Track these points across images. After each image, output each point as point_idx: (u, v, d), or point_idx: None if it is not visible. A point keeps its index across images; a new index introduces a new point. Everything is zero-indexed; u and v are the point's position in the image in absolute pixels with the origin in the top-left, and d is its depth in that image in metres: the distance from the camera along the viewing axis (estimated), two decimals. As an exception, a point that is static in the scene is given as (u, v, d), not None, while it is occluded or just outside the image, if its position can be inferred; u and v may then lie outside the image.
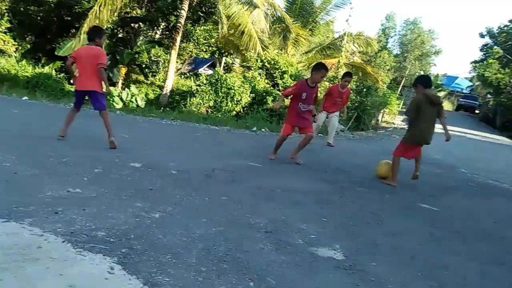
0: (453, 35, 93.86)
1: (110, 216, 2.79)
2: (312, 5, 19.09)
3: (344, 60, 17.27)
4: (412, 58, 42.09)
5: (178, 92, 14.36)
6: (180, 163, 4.73)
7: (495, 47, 31.11)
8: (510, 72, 25.43)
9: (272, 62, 13.58)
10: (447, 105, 44.17)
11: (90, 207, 2.90)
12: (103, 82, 4.91)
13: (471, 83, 48.11)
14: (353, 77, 16.95)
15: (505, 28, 31.25)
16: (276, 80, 13.23)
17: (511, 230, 4.02)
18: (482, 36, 33.79)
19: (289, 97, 5.90)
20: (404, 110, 13.38)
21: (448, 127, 5.43)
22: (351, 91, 15.17)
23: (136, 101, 13.98)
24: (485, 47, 33.33)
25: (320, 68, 5.62)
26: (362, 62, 22.92)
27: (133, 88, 15.16)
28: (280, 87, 13.05)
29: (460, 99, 40.08)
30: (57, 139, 4.82)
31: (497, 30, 32.11)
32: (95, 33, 4.99)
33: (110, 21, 14.95)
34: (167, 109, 12.12)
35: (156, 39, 20.29)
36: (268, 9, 15.96)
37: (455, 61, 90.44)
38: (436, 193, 5.20)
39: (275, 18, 16.91)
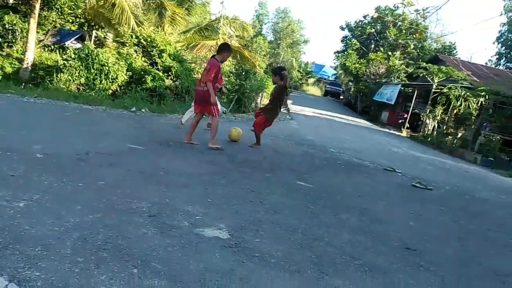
0: (318, 26, 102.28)
1: (-40, 208, 2.36)
2: (187, -16, 18.79)
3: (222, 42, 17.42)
4: (284, 45, 44.66)
5: (42, 67, 12.75)
6: (47, 145, 4.23)
7: (353, 39, 35.05)
8: (366, 62, 28.85)
9: (149, 39, 12.99)
10: (316, 91, 48.35)
11: None
12: None
13: (335, 72, 53.34)
14: (232, 60, 17.38)
15: (360, 23, 35.45)
16: (155, 59, 12.71)
17: (373, 202, 4.60)
18: (342, 29, 37.86)
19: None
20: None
21: (318, 111, 5.96)
22: (231, 74, 15.56)
23: (-11, 75, 12.01)
24: (345, 39, 37.37)
25: (228, 48, 6.06)
26: (240, 46, 23.45)
27: (-17, 59, 12.95)
28: (159, 66, 12.58)
29: (327, 86, 44.34)
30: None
31: (354, 24, 36.23)
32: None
33: None
34: (30, 85, 10.68)
35: (9, 4, 17.60)
36: (140, -19, 15.12)
37: (321, 50, 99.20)
38: (311, 171, 5.66)
39: (148, -8, 16.14)
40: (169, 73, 12.61)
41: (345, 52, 34.25)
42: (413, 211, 4.53)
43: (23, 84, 10.79)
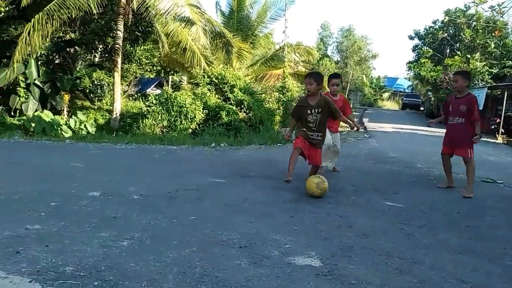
0: (386, 39, 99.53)
1: (76, 249, 2.62)
2: (249, 19, 19.63)
3: (289, 70, 17.71)
4: (352, 64, 43.95)
5: (128, 115, 13.99)
6: (140, 187, 4.57)
7: (425, 47, 33.36)
8: (442, 68, 27.24)
9: (219, 76, 13.66)
10: (392, 105, 46.50)
11: (53, 242, 2.71)
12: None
13: (410, 83, 50.99)
14: (301, 86, 17.52)
15: (430, 29, 33.72)
16: (227, 94, 13.29)
17: (474, 218, 4.22)
18: (411, 38, 36.25)
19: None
20: (354, 112, 13.73)
21: (398, 125, 5.70)
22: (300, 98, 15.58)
23: (86, 127, 13.44)
24: (416, 48, 35.68)
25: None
26: (307, 70, 23.61)
27: (80, 114, 14.57)
28: (232, 101, 13.10)
29: (404, 99, 42.40)
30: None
31: (423, 31, 34.57)
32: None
33: (43, 47, 14.34)
34: (120, 133, 11.75)
35: (96, 63, 19.70)
36: (206, 25, 16.10)
37: (392, 63, 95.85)
38: (398, 190, 5.38)
39: (214, 33, 17.11)
40: (242, 106, 13.08)
41: (418, 62, 32.67)
42: (522, 225, 4.07)
43: (114, 132, 11.89)
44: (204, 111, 12.22)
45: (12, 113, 14.13)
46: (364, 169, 6.93)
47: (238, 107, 12.98)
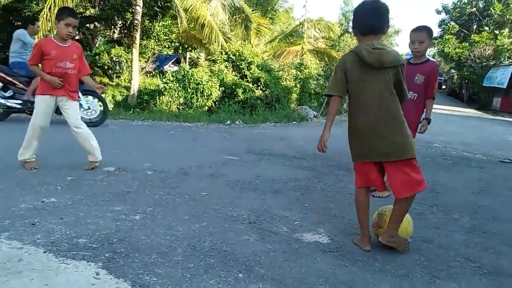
0: (410, 13, 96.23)
1: (90, 222, 2.71)
2: (269, -7, 19.16)
3: (308, 46, 17.39)
4: (374, 40, 42.66)
5: (146, 92, 14.07)
6: (155, 163, 4.64)
7: (451, 22, 32.10)
8: (468, 46, 26.30)
9: (237, 53, 13.53)
10: (412, 84, 45.20)
11: (68, 215, 2.81)
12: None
13: (434, 60, 49.51)
14: (320, 63, 17.23)
15: (459, 3, 32.33)
16: (244, 72, 13.20)
17: (488, 199, 4.16)
18: (438, 12, 34.81)
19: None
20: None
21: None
22: (320, 76, 15.32)
23: (104, 104, 13.61)
24: (442, 23, 34.32)
25: None
26: (327, 47, 23.15)
27: (98, 91, 14.75)
28: (249, 78, 13.01)
29: None
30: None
31: (452, 6, 33.17)
32: None
33: (63, 23, 14.42)
34: (137, 109, 11.87)
35: (115, 39, 19.76)
36: (225, 0, 15.87)
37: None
38: (412, 169, 5.29)
39: (233, 8, 16.84)
40: (258, 83, 12.98)
41: (443, 38, 31.54)
42: (539, 206, 3.98)
43: (132, 109, 12.02)
44: (221, 88, 12.19)
45: (34, 90, 14.39)
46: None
47: (255, 85, 12.90)
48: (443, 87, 36.43)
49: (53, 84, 3.87)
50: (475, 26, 30.63)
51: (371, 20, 2.49)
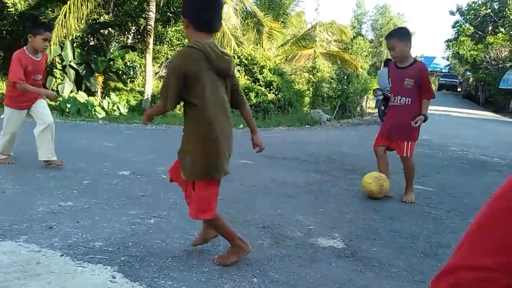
0: (423, 16, 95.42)
1: (105, 226, 2.74)
2: (281, -3, 19.17)
3: (320, 49, 17.35)
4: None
5: (159, 96, 14.18)
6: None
7: (466, 24, 31.66)
8: (483, 48, 25.90)
9: (249, 57, 13.57)
10: (427, 86, 44.72)
11: (84, 219, 2.84)
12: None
13: (448, 62, 48.87)
14: (333, 66, 17.15)
15: (473, 5, 31.87)
16: (256, 75, 13.22)
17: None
18: (452, 13, 34.35)
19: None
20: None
21: (433, 107, 5.40)
22: (332, 80, 15.28)
23: (119, 108, 13.78)
24: (456, 25, 33.85)
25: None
26: (339, 50, 23.05)
27: (113, 96, 14.93)
28: (261, 82, 13.03)
29: (441, 79, 40.77)
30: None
31: (466, 7, 32.72)
32: None
33: (79, 29, 14.69)
34: (150, 114, 11.96)
35: (129, 44, 20.00)
36: (237, 4, 15.91)
37: (429, 41, 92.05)
38: (430, 173, 5.22)
39: (245, 13, 16.89)
40: (271, 87, 12.98)
41: (457, 40, 31.12)
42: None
43: (146, 113, 12.10)
44: (233, 92, 12.23)
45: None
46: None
47: (267, 88, 12.91)
48: (459, 89, 35.97)
49: (50, 97, 3.96)
50: (490, 28, 30.14)
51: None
